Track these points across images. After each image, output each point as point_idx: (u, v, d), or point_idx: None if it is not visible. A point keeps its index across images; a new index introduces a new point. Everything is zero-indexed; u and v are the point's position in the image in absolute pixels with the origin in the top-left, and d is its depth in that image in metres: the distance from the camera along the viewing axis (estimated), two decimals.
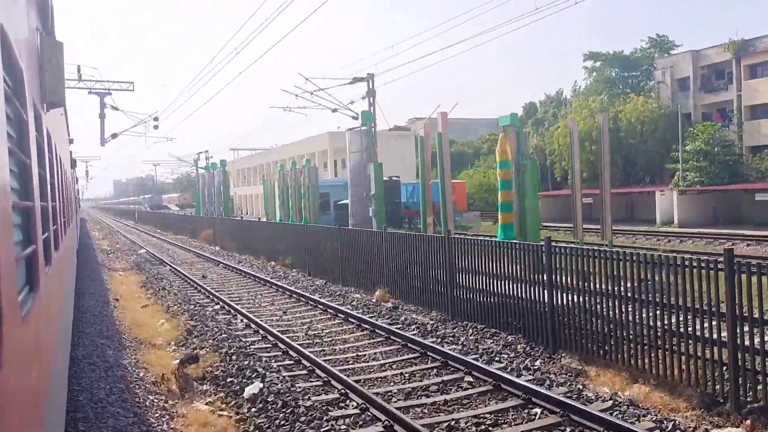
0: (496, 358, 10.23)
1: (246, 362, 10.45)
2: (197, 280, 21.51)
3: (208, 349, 11.59)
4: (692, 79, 57.57)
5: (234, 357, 10.82)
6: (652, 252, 10.30)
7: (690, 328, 8.28)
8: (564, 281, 10.49)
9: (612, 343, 9.43)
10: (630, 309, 9.15)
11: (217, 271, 24.55)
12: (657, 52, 63.74)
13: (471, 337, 11.73)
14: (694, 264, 8.31)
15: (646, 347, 8.81)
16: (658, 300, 8.73)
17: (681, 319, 8.42)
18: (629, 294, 9.19)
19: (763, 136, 51.09)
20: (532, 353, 10.55)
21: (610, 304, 9.48)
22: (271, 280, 20.36)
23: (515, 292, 11.62)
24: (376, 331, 12.51)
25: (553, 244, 11.06)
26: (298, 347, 11.12)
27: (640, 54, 64.17)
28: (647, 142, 55.09)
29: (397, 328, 12.50)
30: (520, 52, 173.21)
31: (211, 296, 18.00)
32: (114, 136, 38.86)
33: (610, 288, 9.49)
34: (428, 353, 10.66)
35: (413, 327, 12.80)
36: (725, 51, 54.37)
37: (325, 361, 10.32)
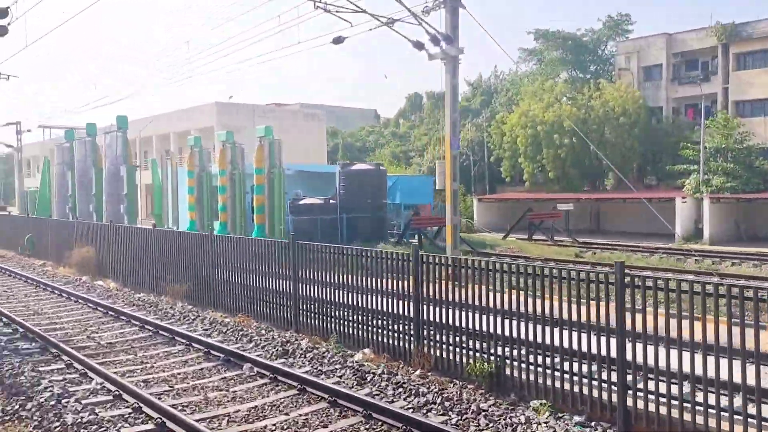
0: None
1: None
2: None
3: None
4: (665, 67, 49.17)
5: None
6: None
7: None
8: None
9: None
10: None
11: None
12: (612, 35, 54.90)
13: None
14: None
15: None
16: None
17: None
18: None
19: (755, 137, 43.21)
20: None
21: None
22: None
23: None
24: None
25: None
26: None
27: (596, 35, 54.95)
28: (628, 139, 45.38)
29: None
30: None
31: None
32: None
33: None
34: None
35: None
36: (709, 36, 46.43)
37: None
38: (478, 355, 8.77)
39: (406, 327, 9.95)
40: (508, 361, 8.45)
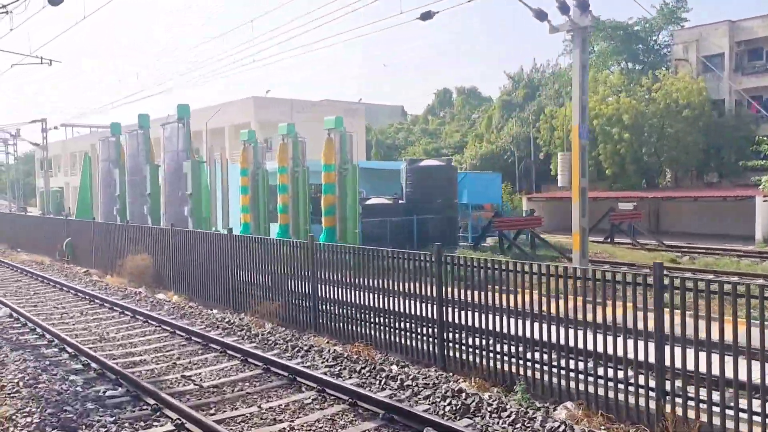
0: None
1: None
2: None
3: None
4: (727, 56, 46.11)
5: None
6: None
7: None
8: None
9: None
10: None
11: None
12: (665, 24, 51.89)
13: None
14: None
15: None
16: None
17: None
18: None
19: None
20: None
21: None
22: None
23: None
24: None
25: None
26: None
27: (647, 24, 51.97)
28: (690, 133, 42.39)
29: None
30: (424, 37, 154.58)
31: None
32: None
33: None
34: None
35: None
36: None
37: None
38: None
39: (639, 376, 7.29)
40: None
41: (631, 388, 7.32)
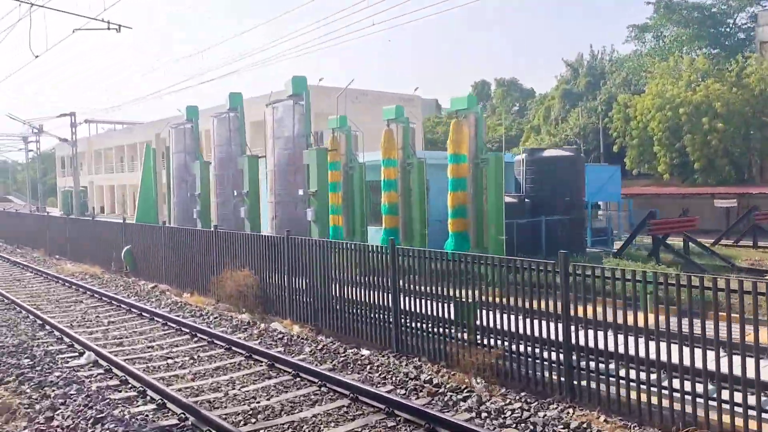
0: None
1: None
2: None
3: None
4: None
5: None
6: None
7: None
8: None
9: None
10: None
11: None
12: (744, 5, 47.56)
13: None
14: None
15: None
16: None
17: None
18: None
19: None
20: None
21: None
22: None
23: None
24: None
25: None
26: None
27: (725, 5, 47.66)
28: None
29: None
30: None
31: None
32: None
33: None
34: None
35: None
36: None
37: None
38: None
39: None
40: None
41: None
